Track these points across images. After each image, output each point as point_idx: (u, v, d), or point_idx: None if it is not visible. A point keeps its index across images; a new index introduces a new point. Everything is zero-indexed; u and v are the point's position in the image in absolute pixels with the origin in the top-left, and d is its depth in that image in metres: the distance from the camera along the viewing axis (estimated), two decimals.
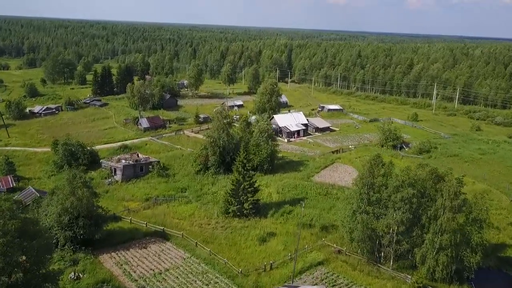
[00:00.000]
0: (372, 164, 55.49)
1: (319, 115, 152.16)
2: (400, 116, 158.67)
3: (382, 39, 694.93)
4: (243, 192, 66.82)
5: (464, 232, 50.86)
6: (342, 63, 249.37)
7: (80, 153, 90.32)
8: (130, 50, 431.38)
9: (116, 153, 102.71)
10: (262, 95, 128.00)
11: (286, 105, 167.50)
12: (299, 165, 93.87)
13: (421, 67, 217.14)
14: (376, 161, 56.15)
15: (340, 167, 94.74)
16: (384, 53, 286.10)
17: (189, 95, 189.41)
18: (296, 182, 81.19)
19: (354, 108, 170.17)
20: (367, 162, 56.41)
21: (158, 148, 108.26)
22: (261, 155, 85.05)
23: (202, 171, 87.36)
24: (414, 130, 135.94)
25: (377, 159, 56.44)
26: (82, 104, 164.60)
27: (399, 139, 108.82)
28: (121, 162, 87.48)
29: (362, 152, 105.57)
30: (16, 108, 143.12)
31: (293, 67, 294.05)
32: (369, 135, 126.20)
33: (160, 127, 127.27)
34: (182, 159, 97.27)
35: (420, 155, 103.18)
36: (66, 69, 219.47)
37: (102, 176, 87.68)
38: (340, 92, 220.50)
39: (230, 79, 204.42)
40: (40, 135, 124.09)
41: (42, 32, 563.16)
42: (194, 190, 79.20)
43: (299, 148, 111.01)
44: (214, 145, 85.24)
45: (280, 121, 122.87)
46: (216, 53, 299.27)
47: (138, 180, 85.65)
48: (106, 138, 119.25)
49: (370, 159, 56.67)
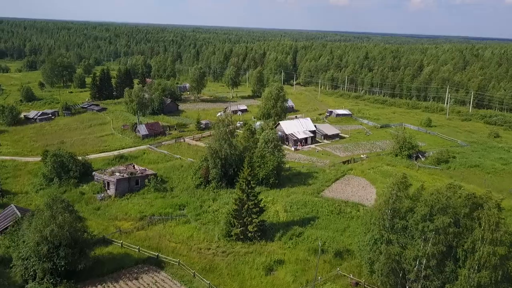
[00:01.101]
0: (398, 187, 48.15)
1: (327, 120, 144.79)
2: (412, 121, 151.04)
3: (386, 40, 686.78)
4: (247, 213, 59.70)
5: (506, 267, 43.52)
6: (349, 65, 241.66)
7: (71, 165, 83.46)
8: (132, 52, 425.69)
9: (112, 164, 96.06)
10: (267, 100, 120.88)
11: (292, 109, 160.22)
12: (308, 178, 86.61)
13: (431, 69, 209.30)
14: (402, 184, 48.76)
15: (353, 179, 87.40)
16: (392, 54, 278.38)
17: (191, 99, 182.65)
18: (306, 198, 73.94)
19: (364, 112, 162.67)
20: (392, 185, 48.94)
21: (157, 157, 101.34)
22: (266, 168, 77.92)
23: (203, 185, 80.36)
24: (428, 136, 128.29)
25: (403, 182, 49.00)
26: (80, 109, 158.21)
27: (414, 148, 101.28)
28: (115, 175, 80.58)
29: (375, 162, 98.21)
30: (10, 113, 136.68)
31: (298, 69, 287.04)
32: (381, 143, 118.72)
33: (159, 134, 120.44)
34: (182, 171, 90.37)
35: (438, 165, 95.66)
36: (65, 72, 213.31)
37: (95, 190, 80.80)
38: (347, 95, 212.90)
39: (233, 82, 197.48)
40: (32, 143, 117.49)
41: (44, 34, 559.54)
42: (193, 207, 72.10)
43: (307, 158, 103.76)
44: (215, 157, 78.22)
45: (286, 128, 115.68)
46: (220, 55, 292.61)
47: (133, 195, 78.72)
48: (102, 146, 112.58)
49: (396, 181, 49.14)
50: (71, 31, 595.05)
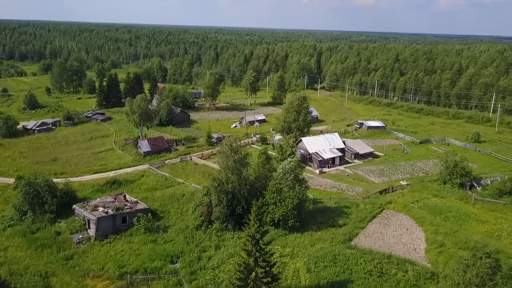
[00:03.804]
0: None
1: (356, 133, 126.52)
2: (455, 134, 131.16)
3: (414, 40, 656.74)
4: (255, 284, 43.09)
5: None
6: (379, 69, 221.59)
7: (47, 196, 68.75)
8: (152, 54, 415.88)
9: (101, 191, 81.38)
10: (288, 112, 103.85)
11: (317, 120, 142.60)
12: (337, 215, 69.26)
13: (471, 72, 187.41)
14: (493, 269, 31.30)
15: (393, 217, 69.57)
16: (425, 56, 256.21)
17: (205, 107, 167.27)
18: (335, 250, 56.72)
19: (398, 124, 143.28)
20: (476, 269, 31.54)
21: (156, 182, 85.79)
22: (284, 207, 61.05)
23: (204, 226, 64.21)
24: (478, 156, 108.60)
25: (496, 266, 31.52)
26: (84, 118, 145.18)
27: (468, 175, 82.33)
28: (98, 212, 65.41)
29: (419, 193, 79.94)
30: (5, 124, 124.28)
31: (323, 72, 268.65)
32: (423, 164, 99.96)
33: (163, 151, 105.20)
34: (182, 202, 74.54)
35: (500, 198, 76.50)
36: (75, 77, 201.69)
37: (73, 229, 65.76)
38: (378, 102, 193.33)
39: (252, 88, 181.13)
40: (22, 160, 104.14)
41: (67, 37, 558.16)
42: (189, 260, 55.96)
43: (334, 184, 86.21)
44: (220, 191, 61.95)
45: (310, 146, 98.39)
46: (240, 58, 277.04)
47: (117, 237, 63.20)
48: (98, 166, 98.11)
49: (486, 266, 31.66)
50: (92, 33, 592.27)
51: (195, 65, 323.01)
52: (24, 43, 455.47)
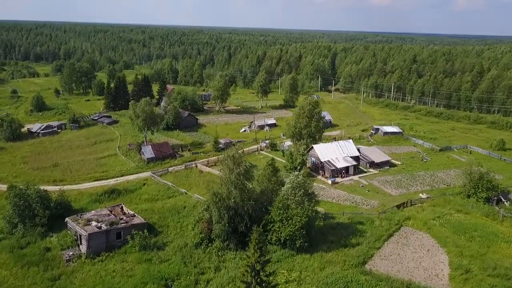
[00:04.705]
0: None
1: (372, 139, 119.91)
2: (478, 141, 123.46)
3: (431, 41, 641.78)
4: None
5: None
6: (395, 70, 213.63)
7: (39, 209, 64.38)
8: (165, 55, 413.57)
9: (99, 201, 77.07)
10: (298, 118, 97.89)
11: (330, 124, 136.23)
12: (351, 233, 63.21)
13: (494, 75, 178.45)
14: None
15: (412, 236, 63.23)
16: (444, 57, 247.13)
17: (215, 110, 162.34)
18: (347, 276, 50.85)
19: (416, 129, 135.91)
20: None
21: (157, 192, 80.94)
22: (291, 226, 55.38)
23: (204, 244, 58.96)
24: (503, 165, 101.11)
25: None
26: (90, 121, 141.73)
27: (495, 188, 75.35)
28: (91, 226, 60.77)
29: (440, 208, 73.35)
30: (8, 127, 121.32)
31: (337, 73, 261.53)
32: (444, 174, 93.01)
33: (168, 157, 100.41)
34: (182, 215, 69.51)
35: None
36: (84, 78, 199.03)
37: (64, 244, 61.33)
38: (394, 106, 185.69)
39: (263, 90, 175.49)
40: (22, 165, 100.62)
41: (82, 37, 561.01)
42: (185, 284, 50.86)
43: (348, 196, 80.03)
44: (220, 207, 56.62)
45: (322, 154, 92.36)
46: (252, 59, 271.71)
47: (111, 255, 58.43)
48: (99, 172, 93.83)
49: None
50: (107, 34, 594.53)
51: (208, 66, 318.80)
52: (39, 44, 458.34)
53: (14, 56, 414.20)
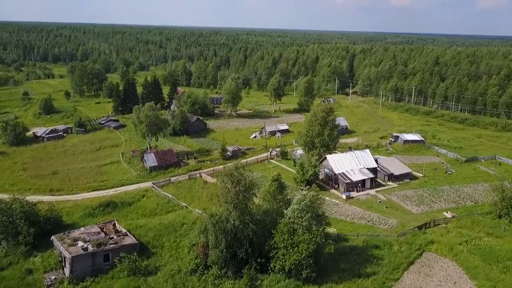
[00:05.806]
0: None
1: (391, 148, 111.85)
2: (508, 151, 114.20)
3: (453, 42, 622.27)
4: None
5: None
6: (417, 73, 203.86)
7: (23, 226, 59.17)
8: (181, 56, 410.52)
9: (93, 215, 71.91)
10: (311, 125, 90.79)
11: (346, 131, 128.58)
12: (365, 260, 56.00)
13: None
14: None
15: (436, 264, 55.64)
16: (468, 59, 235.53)
17: (226, 113, 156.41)
18: None
19: (439, 137, 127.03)
20: None
21: (156, 205, 75.24)
22: (298, 253, 48.59)
23: (200, 271, 52.64)
24: None
25: None
26: (96, 125, 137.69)
27: None
28: (76, 246, 55.20)
29: (468, 230, 65.44)
30: (12, 131, 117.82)
31: (355, 76, 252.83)
32: (471, 189, 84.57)
33: (172, 165, 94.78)
34: (180, 233, 63.49)
35: None
36: (95, 80, 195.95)
37: (48, 266, 55.88)
38: (415, 111, 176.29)
39: (276, 93, 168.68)
40: (21, 172, 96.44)
41: (100, 38, 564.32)
42: None
43: (364, 213, 72.68)
44: (217, 231, 50.23)
45: (336, 165, 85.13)
46: (268, 60, 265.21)
47: (96, 280, 52.69)
48: (98, 182, 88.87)
49: None
50: (125, 35, 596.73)
51: (223, 67, 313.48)
52: (58, 45, 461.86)
53: (33, 57, 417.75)
